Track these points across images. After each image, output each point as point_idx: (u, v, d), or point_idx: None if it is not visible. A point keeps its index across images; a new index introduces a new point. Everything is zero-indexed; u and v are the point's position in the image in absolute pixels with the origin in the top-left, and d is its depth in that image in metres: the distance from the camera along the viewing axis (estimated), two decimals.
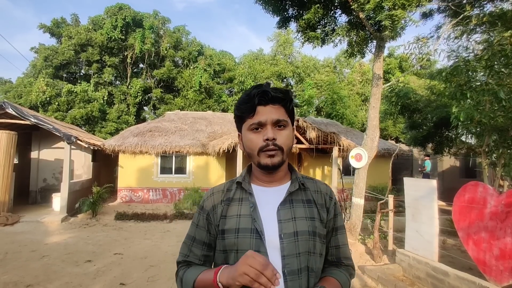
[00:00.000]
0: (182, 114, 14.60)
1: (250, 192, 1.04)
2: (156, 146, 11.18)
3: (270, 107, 0.99)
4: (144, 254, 5.46)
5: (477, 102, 4.70)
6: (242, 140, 1.06)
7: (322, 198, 1.09)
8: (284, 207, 1.01)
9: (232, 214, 1.02)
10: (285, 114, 1.01)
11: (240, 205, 1.03)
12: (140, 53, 22.22)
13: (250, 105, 0.98)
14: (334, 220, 1.10)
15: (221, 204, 1.05)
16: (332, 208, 1.10)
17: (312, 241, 0.99)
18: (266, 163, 0.98)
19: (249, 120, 0.99)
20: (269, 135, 0.96)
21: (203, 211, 1.07)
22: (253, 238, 0.96)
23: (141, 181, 11.39)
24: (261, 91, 0.98)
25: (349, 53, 7.25)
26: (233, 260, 0.96)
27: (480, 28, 5.20)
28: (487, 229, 3.39)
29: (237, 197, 1.05)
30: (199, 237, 1.07)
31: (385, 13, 5.18)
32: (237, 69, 24.09)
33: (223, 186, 1.11)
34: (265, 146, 0.97)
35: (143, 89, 22.60)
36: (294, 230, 0.97)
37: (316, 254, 1.00)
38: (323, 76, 23.98)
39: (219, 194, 1.08)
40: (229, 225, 1.00)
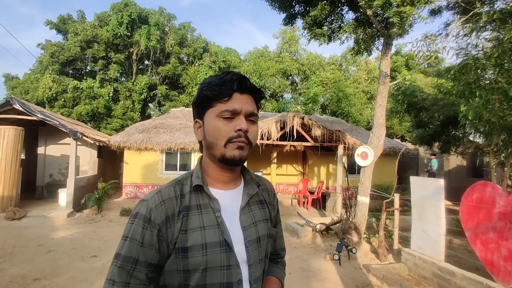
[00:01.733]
0: (187, 111, 14.63)
1: (214, 198, 0.88)
2: (161, 143, 11.21)
3: (246, 96, 0.89)
4: None
5: (486, 101, 4.64)
6: (204, 127, 0.90)
7: (269, 195, 1.05)
8: (244, 212, 0.92)
9: (193, 226, 0.84)
10: (256, 109, 0.92)
11: (200, 214, 0.86)
12: (145, 50, 22.26)
13: (227, 88, 0.86)
14: (277, 215, 1.09)
15: (178, 215, 0.84)
16: (276, 203, 1.08)
17: (269, 243, 0.96)
18: (234, 155, 0.85)
19: (221, 105, 0.86)
20: (243, 126, 0.85)
21: (151, 224, 0.81)
22: (223, 253, 0.83)
23: (146, 177, 11.44)
24: (240, 77, 0.88)
25: (356, 50, 7.20)
26: (197, 281, 0.81)
27: (490, 26, 5.11)
28: (495, 229, 3.35)
29: (194, 203, 0.87)
30: (144, 258, 0.80)
31: (393, 9, 5.12)
32: (242, 66, 24.04)
33: (173, 190, 0.87)
34: (236, 137, 0.85)
35: (148, 85, 22.66)
36: (256, 236, 0.91)
37: (268, 255, 0.97)
38: (328, 73, 23.84)
39: (172, 203, 0.85)
40: (192, 240, 0.82)
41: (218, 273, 0.82)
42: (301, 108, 22.48)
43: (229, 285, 0.83)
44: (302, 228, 6.49)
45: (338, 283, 4.27)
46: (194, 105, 0.95)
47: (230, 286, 0.83)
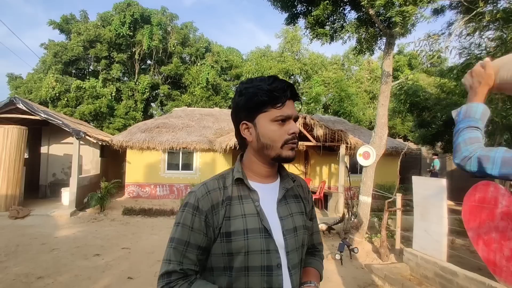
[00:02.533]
0: (189, 111, 14.65)
1: (253, 190, 0.99)
2: (163, 142, 11.24)
3: (292, 102, 1.00)
4: (151, 249, 5.51)
5: (489, 100, 4.62)
6: (257, 130, 0.98)
7: (304, 191, 1.13)
8: (281, 204, 1.02)
9: (236, 214, 0.95)
10: None
11: (241, 204, 0.97)
12: (148, 50, 22.33)
13: (282, 95, 0.96)
14: (312, 210, 1.17)
15: (222, 204, 0.96)
16: (311, 199, 1.16)
17: (305, 234, 1.04)
18: (289, 155, 0.98)
19: (275, 111, 0.96)
20: (296, 130, 0.99)
21: (199, 212, 0.93)
22: (262, 238, 0.93)
23: (148, 176, 11.47)
24: (290, 85, 0.98)
25: (358, 50, 7.17)
26: (240, 263, 0.91)
27: (494, 25, 5.09)
28: (498, 229, 3.34)
29: (236, 195, 0.98)
30: (194, 241, 0.92)
31: (395, 9, 5.11)
32: (244, 66, 24.06)
33: (216, 183, 1.00)
34: (290, 139, 0.98)
35: (150, 85, 22.73)
36: (293, 226, 1.00)
37: (305, 246, 1.05)
38: (330, 73, 23.79)
39: (217, 193, 0.97)
40: (235, 226, 0.93)
41: (259, 256, 0.93)
42: (303, 107, 22.45)
43: (269, 268, 0.94)
44: None
45: (339, 283, 4.27)
46: (241, 108, 1.00)
47: (270, 269, 0.94)
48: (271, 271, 0.93)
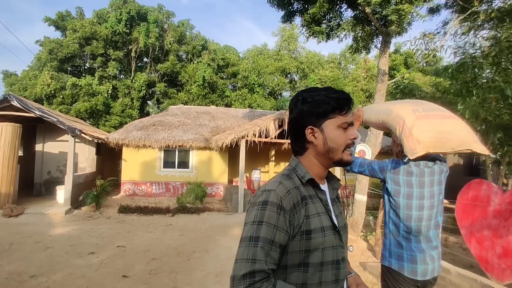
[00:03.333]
0: (185, 109, 14.62)
1: (322, 190, 1.08)
2: (160, 140, 11.22)
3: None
4: (147, 247, 5.50)
5: (483, 100, 4.65)
6: (325, 134, 1.05)
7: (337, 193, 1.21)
8: (333, 203, 1.12)
9: (312, 213, 1.01)
10: None
11: (313, 203, 1.03)
12: (144, 47, 22.21)
13: (347, 104, 1.06)
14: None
15: (301, 203, 1.00)
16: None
17: (347, 233, 1.16)
18: (348, 160, 1.07)
19: (341, 118, 1.05)
20: (356, 136, 1.09)
21: (284, 211, 0.95)
22: (334, 235, 1.03)
23: (145, 174, 11.45)
24: (350, 96, 1.08)
25: (354, 48, 7.19)
26: (318, 258, 0.98)
27: (488, 24, 5.12)
28: (490, 227, 3.37)
29: (309, 194, 1.05)
30: (278, 240, 0.93)
31: (391, 7, 5.12)
32: (241, 64, 24.01)
33: (291, 183, 1.02)
34: (350, 144, 1.06)
35: (147, 83, 22.63)
36: (344, 223, 1.12)
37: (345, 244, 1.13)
38: (327, 72, 23.83)
39: (296, 192, 1.00)
40: (314, 224, 1.00)
41: (331, 251, 1.01)
42: None
43: (338, 262, 1.03)
44: None
45: None
46: (307, 114, 1.06)
47: (338, 262, 1.03)
48: (339, 265, 1.03)
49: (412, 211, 1.86)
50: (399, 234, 1.90)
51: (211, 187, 11.76)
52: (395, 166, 1.92)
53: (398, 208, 1.90)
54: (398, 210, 1.90)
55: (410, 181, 1.87)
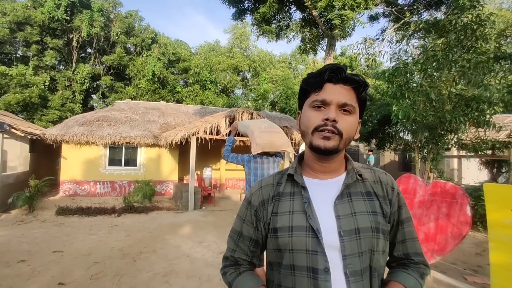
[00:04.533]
0: (133, 104, 13.95)
1: (303, 186, 0.94)
2: (104, 137, 10.57)
3: (340, 87, 0.90)
4: (88, 251, 5.18)
5: (413, 102, 5.14)
6: (300, 118, 0.97)
7: (383, 189, 0.98)
8: (341, 201, 0.91)
9: (283, 210, 0.93)
10: (354, 100, 0.91)
11: (292, 201, 0.94)
12: (87, 37, 20.67)
13: (319, 79, 0.90)
14: (399, 212, 0.98)
15: (271, 200, 0.96)
16: (396, 199, 0.98)
17: (375, 238, 0.89)
18: (318, 145, 0.88)
19: (313, 96, 0.91)
20: (331, 115, 0.87)
21: (251, 206, 1.00)
22: (308, 237, 0.88)
23: (87, 173, 10.72)
24: (335, 67, 0.89)
25: (302, 49, 7.47)
26: (288, 260, 0.90)
27: (418, 34, 5.66)
28: (415, 216, 3.76)
29: (288, 191, 0.96)
30: (246, 233, 1.00)
31: (335, 12, 5.41)
32: (193, 60, 23.54)
33: (272, 179, 1.02)
34: (322, 125, 0.88)
35: (91, 75, 21.13)
36: (355, 227, 0.88)
37: (379, 252, 0.90)
38: (278, 71, 24.40)
39: (268, 189, 0.99)
40: (281, 222, 0.92)
41: (304, 256, 0.88)
42: (251, 104, 22.71)
43: (315, 271, 0.86)
44: None
45: None
46: (298, 96, 1.01)
47: (316, 272, 0.86)
48: (317, 275, 0.86)
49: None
50: None
51: (161, 185, 11.41)
52: (248, 159, 3.33)
53: (250, 181, 3.34)
54: (250, 182, 3.35)
55: (256, 166, 3.31)
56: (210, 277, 4.18)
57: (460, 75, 4.82)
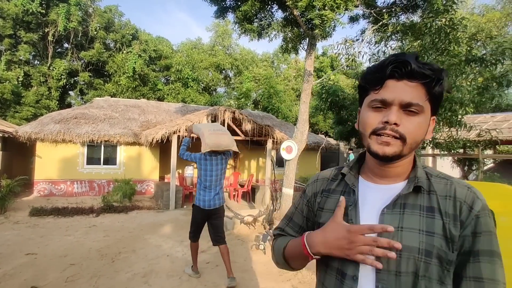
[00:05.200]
0: (112, 101, 13.62)
1: (351, 188, 0.89)
2: (82, 135, 10.27)
3: (405, 83, 0.77)
4: (64, 252, 5.03)
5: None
6: (359, 117, 0.87)
7: (456, 207, 0.79)
8: (391, 212, 0.81)
9: (329, 207, 0.90)
10: (423, 97, 0.78)
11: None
12: (64, 31, 19.95)
13: (379, 75, 0.79)
14: (474, 239, 0.77)
15: (321, 193, 0.96)
16: (471, 222, 0.77)
17: (422, 262, 0.76)
18: (376, 151, 0.79)
19: (373, 94, 0.80)
20: (391, 118, 0.76)
21: (305, 195, 1.03)
22: None
23: (64, 172, 10.39)
24: (399, 60, 0.77)
25: (284, 48, 7.52)
26: (324, 257, 0.86)
27: (395, 36, 5.82)
28: None
29: (339, 189, 0.92)
30: (296, 220, 1.05)
31: (316, 12, 5.47)
32: (175, 57, 23.20)
33: (329, 172, 1.01)
34: (380, 129, 0.78)
35: (68, 71, 20.42)
36: (407, 245, 0.77)
37: (432, 280, 0.76)
38: (261, 70, 24.45)
39: (323, 182, 0.99)
40: (324, 218, 0.89)
41: (336, 258, 0.82)
42: (234, 102, 22.68)
43: (343, 275, 0.83)
44: (231, 221, 6.61)
45: (263, 271, 4.47)
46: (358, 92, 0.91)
47: (344, 276, 0.82)
48: (344, 279, 0.82)
49: (207, 176, 3.85)
50: (201, 188, 3.87)
51: (141, 184, 11.22)
52: (200, 156, 3.87)
53: (201, 175, 3.88)
54: (201, 176, 3.88)
55: (206, 162, 3.85)
56: (191, 277, 4.16)
57: None
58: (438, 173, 0.87)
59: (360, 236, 0.76)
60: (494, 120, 10.02)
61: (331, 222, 0.83)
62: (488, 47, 5.29)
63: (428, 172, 0.86)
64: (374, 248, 0.74)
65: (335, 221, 0.82)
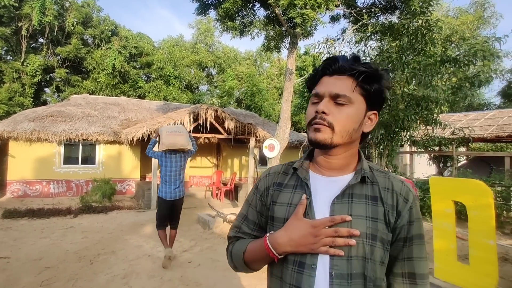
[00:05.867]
0: (91, 99, 13.24)
1: (304, 181, 0.92)
2: (59, 133, 9.93)
3: (335, 78, 0.86)
4: (39, 255, 4.86)
5: None
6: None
7: (394, 198, 0.89)
8: (340, 202, 0.87)
9: (283, 201, 0.93)
10: (350, 88, 0.84)
11: (293, 193, 0.93)
12: (39, 26, 19.17)
13: (316, 74, 0.90)
14: (409, 228, 0.88)
15: (273, 187, 0.98)
16: (407, 213, 0.88)
17: (369, 245, 0.84)
18: (311, 137, 0.87)
19: (314, 90, 0.90)
20: (319, 107, 0.84)
21: (257, 191, 1.03)
22: None
23: (39, 172, 10.02)
24: (330, 59, 0.87)
25: (266, 47, 7.54)
26: None
27: (375, 36, 5.94)
28: None
29: (291, 183, 0.95)
30: (251, 217, 1.03)
31: (297, 11, 5.51)
32: (156, 54, 22.79)
33: (280, 167, 1.03)
34: (313, 118, 0.86)
35: (43, 67, 19.65)
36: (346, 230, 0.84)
37: (375, 262, 0.84)
38: (244, 68, 24.40)
39: (274, 176, 1.01)
40: (278, 213, 0.92)
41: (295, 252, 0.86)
42: (216, 100, 22.54)
43: (301, 265, 0.85)
44: (213, 220, 6.58)
45: None
46: None
47: (302, 266, 0.85)
48: (303, 269, 0.85)
49: (167, 172, 4.37)
50: (162, 181, 4.39)
51: (122, 183, 10.97)
52: (161, 154, 4.40)
53: (162, 171, 4.40)
54: (162, 171, 4.40)
55: (166, 160, 4.38)
56: (172, 277, 4.11)
57: (412, 76, 5.14)
58: (378, 168, 0.97)
59: (323, 230, 0.82)
60: (467, 118, 10.43)
61: (294, 220, 0.86)
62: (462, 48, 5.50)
63: (370, 166, 0.95)
64: (336, 239, 0.82)
65: (298, 218, 0.86)
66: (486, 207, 2.42)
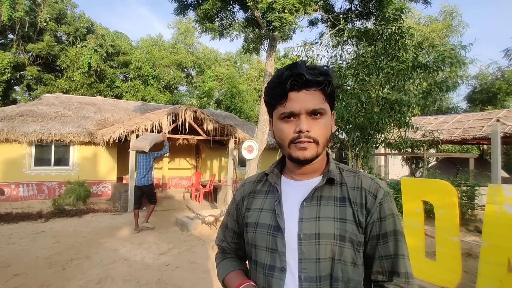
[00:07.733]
0: (64, 98, 12.77)
1: (276, 187, 0.95)
2: (29, 134, 9.51)
3: (304, 93, 0.85)
4: (6, 262, 4.64)
5: (347, 104, 5.55)
6: (273, 128, 0.95)
7: (362, 196, 0.89)
8: (309, 204, 0.89)
9: (255, 207, 0.98)
10: (322, 100, 0.86)
11: (265, 199, 0.97)
12: (9, 21, 18.31)
13: (280, 90, 0.86)
14: (380, 224, 0.88)
15: (248, 196, 1.02)
16: (376, 209, 0.88)
17: (337, 246, 0.84)
18: (297, 156, 0.86)
19: (280, 108, 0.87)
20: (302, 127, 0.84)
21: (234, 201, 1.08)
22: (270, 235, 0.90)
23: (7, 175, 9.55)
24: (294, 74, 0.83)
25: (245, 48, 7.58)
26: (253, 255, 0.95)
27: (351, 41, 6.12)
28: None
29: (264, 189, 1.00)
30: (230, 226, 1.09)
31: (275, 14, 5.59)
32: (134, 54, 22.31)
33: (255, 176, 1.07)
34: (296, 138, 0.85)
35: (13, 64, 18.77)
36: (316, 232, 0.85)
37: (346, 263, 0.85)
38: (223, 69, 24.34)
39: (250, 185, 1.05)
40: (251, 218, 0.96)
41: (264, 253, 0.91)
42: (196, 101, 22.35)
43: (271, 268, 0.89)
44: (192, 221, 6.53)
45: None
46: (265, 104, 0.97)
47: (272, 269, 0.88)
48: (273, 272, 0.88)
49: (138, 166, 6.32)
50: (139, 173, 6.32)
51: (97, 186, 10.65)
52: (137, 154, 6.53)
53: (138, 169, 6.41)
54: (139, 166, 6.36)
55: (139, 159, 6.32)
56: (149, 280, 4.05)
57: (386, 80, 5.34)
58: (349, 168, 0.98)
59: None
60: (437, 121, 10.91)
61: None
62: (431, 55, 5.76)
63: (340, 167, 0.97)
64: None
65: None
66: (451, 206, 2.56)
